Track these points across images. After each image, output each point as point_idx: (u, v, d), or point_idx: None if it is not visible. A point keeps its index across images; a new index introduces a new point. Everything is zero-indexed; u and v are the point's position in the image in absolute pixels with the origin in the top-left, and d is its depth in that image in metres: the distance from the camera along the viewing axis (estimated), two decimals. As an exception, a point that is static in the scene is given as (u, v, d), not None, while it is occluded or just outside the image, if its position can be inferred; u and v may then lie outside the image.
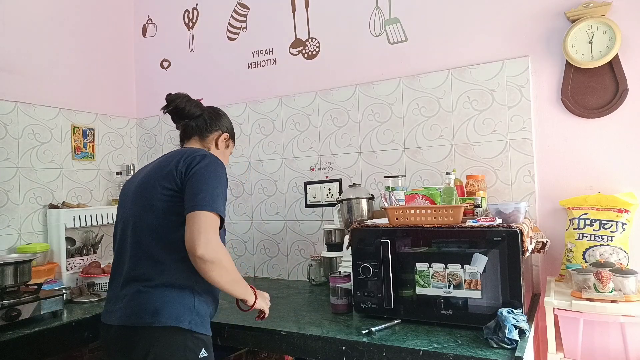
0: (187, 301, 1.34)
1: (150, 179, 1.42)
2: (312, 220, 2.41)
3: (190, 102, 1.59)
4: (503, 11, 2.00)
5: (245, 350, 2.04)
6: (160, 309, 1.30)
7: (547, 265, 1.91)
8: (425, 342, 1.35)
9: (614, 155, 1.81)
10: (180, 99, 1.57)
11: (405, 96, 2.18)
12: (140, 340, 1.30)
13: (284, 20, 2.51)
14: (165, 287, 1.33)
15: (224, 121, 1.64)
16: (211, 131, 1.59)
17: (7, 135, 2.31)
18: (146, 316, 1.30)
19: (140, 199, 1.41)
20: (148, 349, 1.29)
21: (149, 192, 1.39)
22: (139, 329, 1.30)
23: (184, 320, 1.31)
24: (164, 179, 1.38)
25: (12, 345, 1.54)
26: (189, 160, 1.39)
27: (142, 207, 1.39)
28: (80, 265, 2.37)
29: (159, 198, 1.36)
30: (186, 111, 1.57)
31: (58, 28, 2.59)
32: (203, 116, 1.59)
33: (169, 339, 1.30)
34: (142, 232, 1.37)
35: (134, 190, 1.45)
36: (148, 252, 1.35)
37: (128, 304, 1.34)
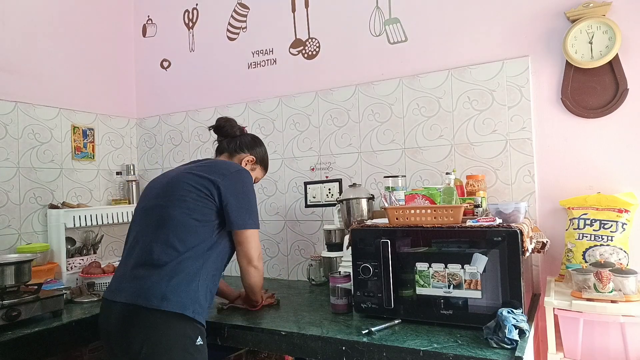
0: (192, 292, 1.45)
1: (184, 178, 1.57)
2: (312, 220, 2.41)
3: (233, 124, 1.82)
4: (503, 11, 2.00)
5: (245, 350, 2.03)
6: (168, 295, 1.41)
7: (547, 265, 1.91)
8: (425, 342, 1.35)
9: (614, 155, 1.81)
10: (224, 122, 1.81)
11: (405, 96, 2.18)
12: (144, 321, 1.39)
13: (284, 20, 2.51)
14: (176, 275, 1.44)
15: (257, 147, 1.84)
16: (239, 153, 1.78)
17: (7, 135, 2.31)
18: (154, 300, 1.40)
19: (171, 192, 1.54)
20: (149, 331, 1.38)
21: (180, 188, 1.54)
22: (145, 310, 1.39)
23: (188, 309, 1.42)
24: (199, 183, 1.54)
25: (12, 345, 1.54)
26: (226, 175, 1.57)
27: (171, 200, 1.53)
28: (80, 265, 2.37)
29: (191, 197, 1.52)
30: (227, 130, 1.80)
31: (58, 28, 2.59)
32: (237, 139, 1.80)
33: (172, 324, 1.40)
34: (166, 221, 1.49)
35: (165, 184, 1.59)
36: (167, 241, 1.47)
37: (138, 284, 1.44)
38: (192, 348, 1.42)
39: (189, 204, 1.51)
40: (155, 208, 1.54)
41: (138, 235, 1.54)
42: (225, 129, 1.80)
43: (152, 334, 1.38)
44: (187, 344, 1.41)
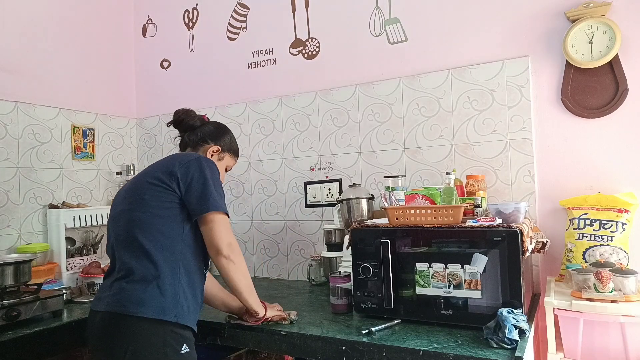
0: (172, 295, 1.37)
1: (141, 178, 1.49)
2: (312, 220, 2.41)
3: (191, 115, 1.68)
4: (503, 11, 2.00)
5: (245, 350, 2.03)
6: (145, 300, 1.33)
7: (547, 265, 1.91)
8: (425, 342, 1.35)
9: (614, 155, 1.81)
10: (183, 114, 1.68)
11: (405, 96, 2.19)
12: (122, 330, 1.33)
13: (284, 20, 2.51)
14: (153, 279, 1.36)
15: (221, 136, 1.70)
16: (203, 144, 1.66)
17: (7, 135, 2.31)
18: (131, 306, 1.33)
19: (133, 196, 1.47)
20: (129, 340, 1.32)
21: (139, 189, 1.46)
22: (123, 317, 1.33)
23: (168, 313, 1.34)
24: (156, 178, 1.45)
25: (12, 345, 1.54)
26: (185, 163, 1.46)
27: (133, 202, 1.45)
28: (80, 265, 2.37)
29: (150, 194, 1.43)
30: (186, 123, 1.67)
31: (58, 28, 2.59)
32: (198, 131, 1.67)
33: (150, 333, 1.32)
34: (133, 226, 1.42)
35: (126, 190, 1.53)
36: (138, 246, 1.39)
37: (116, 292, 1.37)
38: (175, 356, 1.34)
39: (150, 201, 1.42)
40: (121, 215, 1.47)
41: (113, 245, 1.48)
42: (185, 122, 1.67)
43: (132, 342, 1.31)
44: (168, 353, 1.33)
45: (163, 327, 1.34)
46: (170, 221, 1.41)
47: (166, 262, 1.38)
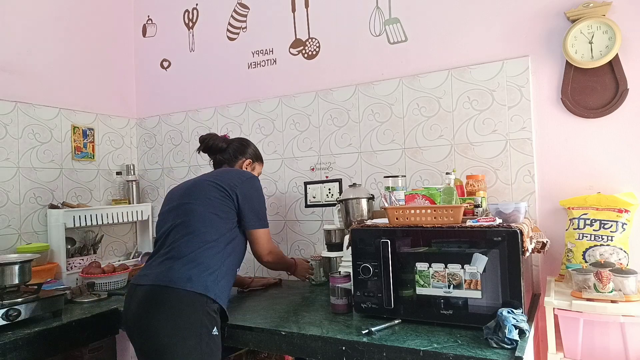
0: (214, 280, 1.56)
1: (204, 182, 1.75)
2: (312, 220, 2.41)
3: (217, 139, 1.97)
4: (503, 11, 2.00)
5: (245, 350, 2.03)
6: (193, 277, 1.52)
7: (547, 265, 1.91)
8: (425, 342, 1.35)
9: (614, 155, 1.81)
10: (210, 138, 1.96)
11: (405, 96, 2.19)
12: (167, 300, 1.49)
13: (284, 20, 2.51)
14: (200, 264, 1.56)
15: (247, 149, 2.00)
16: (236, 160, 1.96)
17: (7, 135, 2.31)
18: (180, 281, 1.51)
19: (195, 192, 1.71)
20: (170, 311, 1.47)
21: (204, 190, 1.71)
22: (169, 289, 1.50)
23: (211, 291, 1.53)
24: (222, 187, 1.71)
25: (12, 345, 1.54)
26: (244, 180, 1.77)
27: (195, 198, 1.69)
28: (80, 265, 2.37)
29: (214, 195, 1.69)
30: (215, 146, 1.96)
31: (58, 28, 2.59)
32: (228, 150, 1.96)
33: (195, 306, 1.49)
34: (190, 215, 1.65)
35: (188, 187, 1.77)
36: (192, 234, 1.61)
37: (164, 269, 1.56)
38: (208, 337, 1.48)
39: (212, 201, 1.68)
40: (180, 206, 1.70)
41: (165, 230, 1.68)
42: (214, 146, 1.95)
43: (172, 314, 1.46)
44: (203, 333, 1.47)
45: (202, 305, 1.50)
46: (224, 221, 1.67)
47: (214, 252, 1.60)
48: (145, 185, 2.96)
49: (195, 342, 1.45)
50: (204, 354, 1.46)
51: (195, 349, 1.45)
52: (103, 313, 1.85)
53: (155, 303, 1.49)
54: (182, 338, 1.44)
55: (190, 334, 1.45)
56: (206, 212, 1.66)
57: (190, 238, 1.61)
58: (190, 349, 1.44)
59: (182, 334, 1.45)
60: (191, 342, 1.45)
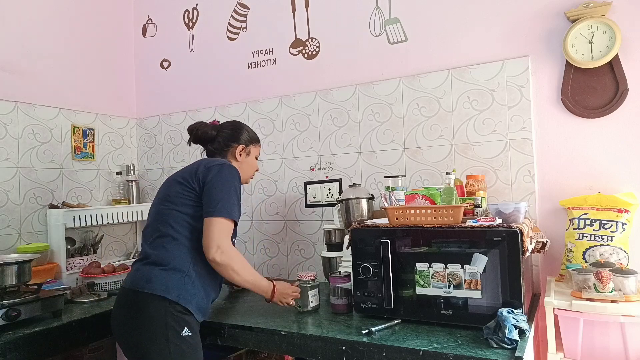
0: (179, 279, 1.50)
1: (171, 179, 1.68)
2: (312, 220, 2.41)
3: (206, 126, 1.80)
4: (503, 11, 2.00)
5: (245, 350, 2.04)
6: (153, 278, 1.49)
7: (547, 265, 1.91)
8: (425, 342, 1.35)
9: (614, 155, 1.81)
10: (198, 127, 1.79)
11: (405, 96, 2.19)
12: (131, 303, 1.50)
13: (284, 20, 2.51)
14: (161, 264, 1.51)
15: (239, 134, 1.81)
16: (228, 148, 1.78)
17: (7, 135, 2.31)
18: (140, 283, 1.50)
19: (163, 193, 1.66)
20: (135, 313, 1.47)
21: (169, 188, 1.64)
22: (135, 293, 1.50)
23: (171, 293, 1.47)
24: (184, 179, 1.61)
25: (12, 345, 1.54)
26: (208, 167, 1.60)
27: (161, 198, 1.64)
28: (80, 265, 2.37)
29: (175, 191, 1.60)
30: (205, 135, 1.79)
31: (58, 28, 2.59)
32: (218, 139, 1.79)
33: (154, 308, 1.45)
34: (156, 218, 1.61)
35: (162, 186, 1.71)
36: (154, 235, 1.58)
37: (134, 272, 1.57)
38: (177, 339, 1.44)
39: (172, 197, 1.60)
40: (151, 208, 1.68)
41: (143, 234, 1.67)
42: (203, 136, 1.79)
43: (137, 316, 1.46)
44: (169, 335, 1.44)
45: (165, 307, 1.45)
46: (188, 217, 1.56)
47: (178, 251, 1.53)
48: (145, 185, 2.96)
49: (163, 343, 1.43)
50: (173, 354, 1.42)
51: (164, 349, 1.43)
52: (103, 313, 1.85)
53: (124, 306, 1.53)
54: (149, 338, 1.44)
55: (157, 335, 1.43)
56: (167, 210, 1.58)
57: (153, 239, 1.57)
58: (160, 348, 1.43)
59: (149, 335, 1.44)
60: (160, 342, 1.43)
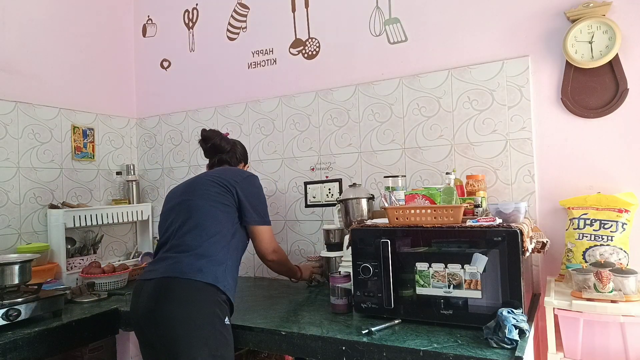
0: (222, 270, 1.58)
1: (204, 179, 1.76)
2: (312, 220, 2.41)
3: (222, 139, 1.96)
4: (503, 11, 2.00)
5: (245, 350, 2.04)
6: (203, 269, 1.53)
7: (547, 265, 1.91)
8: (425, 342, 1.35)
9: (614, 155, 1.81)
10: (216, 137, 1.94)
11: (405, 96, 2.19)
12: (178, 291, 1.49)
13: (284, 20, 2.51)
14: (207, 257, 1.57)
15: (242, 153, 2.02)
16: (239, 162, 1.99)
17: (7, 135, 2.31)
18: (190, 272, 1.51)
19: (195, 189, 1.73)
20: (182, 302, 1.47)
21: (203, 186, 1.72)
22: (180, 280, 1.50)
23: (220, 282, 1.54)
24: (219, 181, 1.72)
25: (12, 345, 1.54)
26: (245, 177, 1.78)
27: (196, 194, 1.70)
28: (80, 265, 2.37)
29: (214, 191, 1.70)
30: (220, 147, 1.95)
31: (58, 28, 2.59)
32: (231, 152, 1.97)
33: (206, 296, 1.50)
34: (193, 210, 1.66)
35: (188, 184, 1.78)
36: (198, 228, 1.62)
37: (173, 263, 1.56)
38: (221, 326, 1.49)
39: (212, 195, 1.69)
40: (182, 203, 1.71)
41: (168, 227, 1.69)
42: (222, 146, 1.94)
43: (184, 304, 1.47)
44: (216, 322, 1.48)
45: (214, 295, 1.51)
46: (226, 215, 1.67)
47: (220, 245, 1.61)
48: (145, 185, 2.96)
49: (209, 331, 1.46)
50: (218, 342, 1.46)
51: (210, 337, 1.45)
52: (103, 313, 1.85)
53: (166, 294, 1.49)
54: (197, 327, 1.44)
55: (204, 323, 1.46)
56: (208, 206, 1.66)
57: (197, 232, 1.61)
58: (205, 338, 1.44)
59: (196, 323, 1.45)
60: (205, 331, 1.45)
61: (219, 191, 1.70)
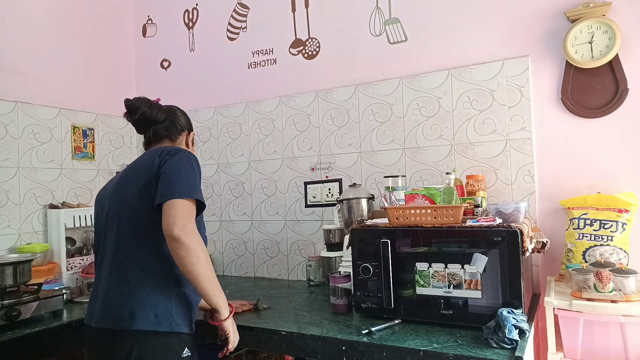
0: (167, 301, 1.33)
1: (126, 177, 1.44)
2: (312, 220, 2.41)
3: (153, 106, 1.54)
4: (503, 11, 2.00)
5: (245, 350, 2.03)
6: (137, 312, 1.29)
7: (547, 265, 1.91)
8: (425, 342, 1.35)
9: (614, 155, 1.81)
10: (144, 105, 1.51)
11: (405, 96, 2.18)
12: (119, 343, 1.29)
13: (284, 20, 2.51)
14: (143, 286, 1.31)
15: (184, 119, 1.61)
16: (180, 132, 1.58)
17: (7, 135, 2.31)
18: (122, 321, 1.28)
19: (120, 195, 1.40)
20: (129, 350, 1.28)
21: (125, 191, 1.39)
22: (116, 332, 1.29)
23: (163, 323, 1.31)
24: (142, 176, 1.38)
25: (12, 345, 1.54)
26: (164, 154, 1.39)
27: (120, 205, 1.39)
28: (80, 265, 2.37)
29: (135, 195, 1.36)
30: (152, 117, 1.53)
31: (58, 28, 2.59)
32: (167, 120, 1.56)
33: (150, 340, 1.29)
34: (121, 229, 1.36)
35: (110, 192, 1.45)
36: (127, 250, 1.34)
37: (103, 304, 1.33)
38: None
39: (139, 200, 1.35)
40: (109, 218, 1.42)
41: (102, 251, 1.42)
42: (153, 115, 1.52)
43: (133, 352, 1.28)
44: (170, 357, 1.31)
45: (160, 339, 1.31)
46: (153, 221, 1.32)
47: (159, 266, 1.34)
48: (145, 185, 2.96)
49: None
50: None
51: None
52: (103, 313, 1.85)
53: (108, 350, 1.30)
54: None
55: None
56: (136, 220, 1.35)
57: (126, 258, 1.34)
58: None
59: None
60: None
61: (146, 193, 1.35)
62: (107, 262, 1.37)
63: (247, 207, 2.59)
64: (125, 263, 1.34)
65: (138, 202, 1.35)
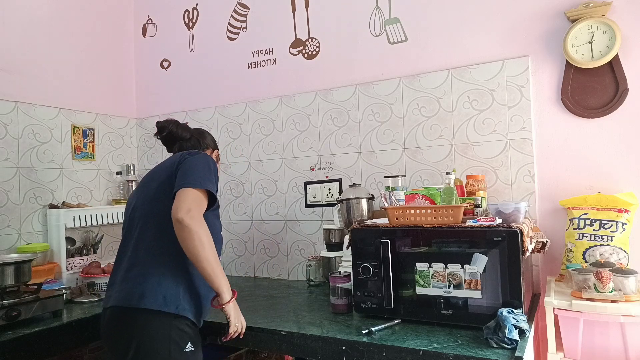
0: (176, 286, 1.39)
1: (153, 174, 1.57)
2: (312, 220, 2.41)
3: (180, 126, 1.71)
4: (503, 11, 2.00)
5: (245, 350, 2.04)
6: (146, 292, 1.36)
7: (547, 265, 1.91)
8: (425, 342, 1.35)
9: (614, 155, 1.81)
10: (171, 125, 1.69)
11: (405, 96, 2.18)
12: (127, 322, 1.36)
13: (284, 20, 2.51)
14: (157, 272, 1.39)
15: (210, 139, 1.78)
16: (205, 149, 1.73)
17: (7, 135, 2.31)
18: (133, 299, 1.36)
19: (144, 190, 1.54)
20: (132, 332, 1.34)
21: (150, 184, 1.53)
22: (126, 310, 1.37)
23: (170, 305, 1.36)
24: (164, 172, 1.51)
25: (12, 345, 1.54)
26: (186, 154, 1.52)
27: (144, 197, 1.51)
28: (80, 265, 2.37)
29: (156, 189, 1.49)
30: (179, 135, 1.70)
31: (58, 28, 2.59)
32: (193, 138, 1.72)
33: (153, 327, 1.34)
34: (143, 221, 1.47)
35: (140, 185, 1.61)
36: (146, 240, 1.44)
37: (121, 286, 1.42)
38: (179, 355, 1.34)
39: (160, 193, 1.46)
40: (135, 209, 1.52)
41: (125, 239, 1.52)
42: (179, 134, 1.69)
43: (135, 334, 1.34)
44: (172, 349, 1.33)
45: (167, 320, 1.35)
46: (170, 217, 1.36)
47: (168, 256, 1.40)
48: (145, 185, 2.96)
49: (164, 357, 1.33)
50: None
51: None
52: (103, 313, 1.85)
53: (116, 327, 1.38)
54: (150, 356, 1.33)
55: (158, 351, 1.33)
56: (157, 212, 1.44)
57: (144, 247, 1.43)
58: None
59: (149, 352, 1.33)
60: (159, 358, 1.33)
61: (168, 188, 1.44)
62: (128, 253, 1.47)
63: (247, 207, 2.59)
64: (143, 254, 1.42)
65: (159, 196, 1.46)
